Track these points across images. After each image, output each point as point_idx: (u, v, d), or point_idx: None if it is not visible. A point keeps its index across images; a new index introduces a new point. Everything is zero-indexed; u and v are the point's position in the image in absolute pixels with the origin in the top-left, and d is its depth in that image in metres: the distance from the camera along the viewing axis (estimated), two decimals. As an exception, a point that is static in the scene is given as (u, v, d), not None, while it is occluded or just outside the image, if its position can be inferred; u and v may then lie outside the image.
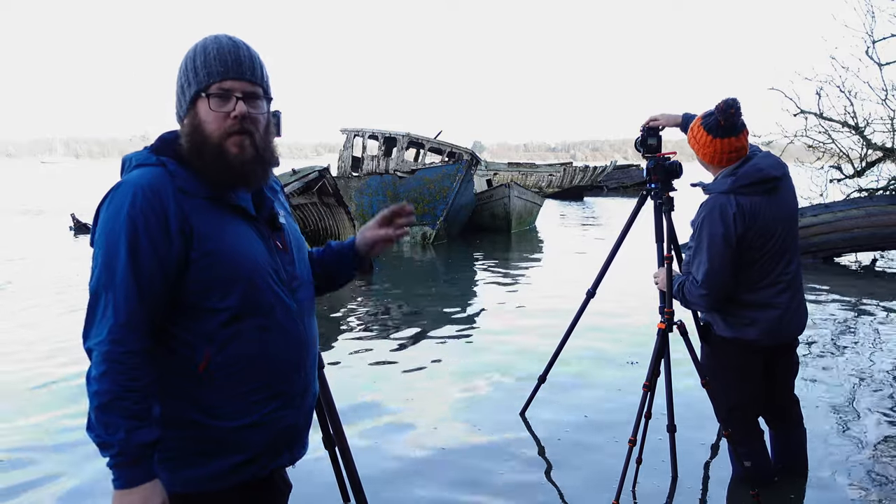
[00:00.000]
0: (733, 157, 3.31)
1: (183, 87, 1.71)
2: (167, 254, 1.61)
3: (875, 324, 7.39)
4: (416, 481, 3.80)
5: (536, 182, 32.55)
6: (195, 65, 1.69)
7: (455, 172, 14.67)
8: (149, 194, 1.61)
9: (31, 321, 7.47)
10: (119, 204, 1.61)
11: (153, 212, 1.60)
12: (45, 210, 22.69)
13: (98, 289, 1.60)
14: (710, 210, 3.28)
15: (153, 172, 1.66)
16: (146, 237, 1.59)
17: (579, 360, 5.73)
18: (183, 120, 1.73)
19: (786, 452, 3.69)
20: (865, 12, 12.42)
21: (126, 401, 1.55)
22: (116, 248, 1.59)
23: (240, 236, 1.71)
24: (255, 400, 1.72)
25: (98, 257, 1.62)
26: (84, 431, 1.61)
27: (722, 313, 3.40)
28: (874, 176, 13.13)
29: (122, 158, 1.79)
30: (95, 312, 1.60)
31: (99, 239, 1.63)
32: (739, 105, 3.23)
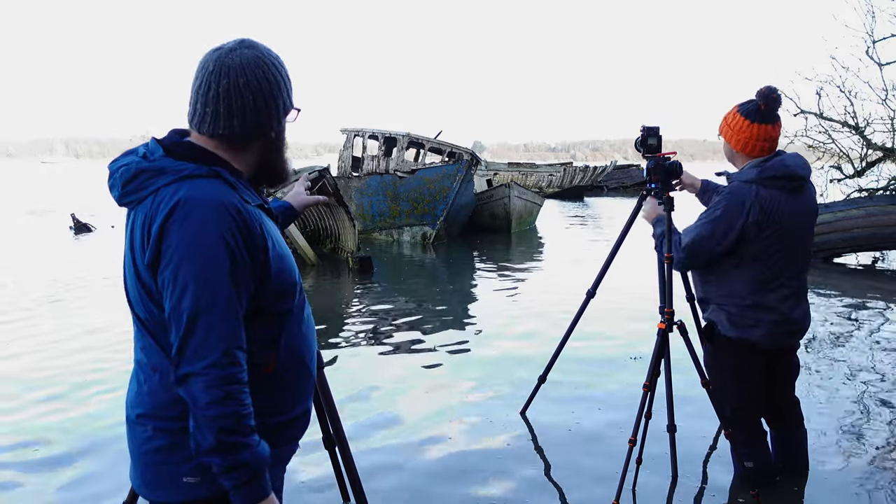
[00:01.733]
0: (765, 148, 3.31)
1: (277, 100, 1.72)
2: (257, 268, 1.63)
3: (875, 324, 7.39)
4: (416, 481, 3.80)
5: (536, 182, 32.55)
6: (285, 80, 1.74)
7: (455, 172, 14.68)
8: (232, 211, 1.58)
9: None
10: (202, 222, 1.55)
11: (239, 229, 1.58)
12: (47, 210, 22.67)
13: (198, 312, 1.54)
14: (728, 193, 3.29)
15: (219, 185, 1.62)
16: (240, 255, 1.58)
17: (579, 360, 5.73)
18: (265, 132, 1.73)
19: (786, 453, 3.70)
20: (865, 12, 12.42)
21: (247, 419, 1.56)
22: (214, 270, 1.54)
23: (284, 243, 1.79)
24: (305, 390, 1.82)
25: (189, 280, 1.54)
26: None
27: (728, 313, 3.39)
28: (874, 176, 13.13)
29: (129, 167, 1.66)
30: (196, 336, 1.54)
31: (186, 260, 1.54)
32: (780, 94, 3.26)
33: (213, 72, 1.66)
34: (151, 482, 1.69)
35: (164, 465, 1.67)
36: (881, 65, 12.50)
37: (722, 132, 3.42)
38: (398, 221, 15.28)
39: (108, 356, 6.02)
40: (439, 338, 6.89)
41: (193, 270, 1.54)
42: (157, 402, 1.67)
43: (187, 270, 1.54)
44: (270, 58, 1.72)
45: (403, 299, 8.99)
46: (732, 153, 3.42)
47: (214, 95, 1.66)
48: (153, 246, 1.57)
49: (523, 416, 4.69)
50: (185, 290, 1.54)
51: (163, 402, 1.66)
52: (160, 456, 1.67)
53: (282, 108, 1.74)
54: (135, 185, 1.64)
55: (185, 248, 1.54)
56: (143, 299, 1.64)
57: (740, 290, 3.33)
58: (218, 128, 1.67)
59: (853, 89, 12.65)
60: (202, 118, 1.68)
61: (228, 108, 1.66)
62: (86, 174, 61.83)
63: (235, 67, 1.66)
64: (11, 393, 5.22)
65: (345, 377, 5.46)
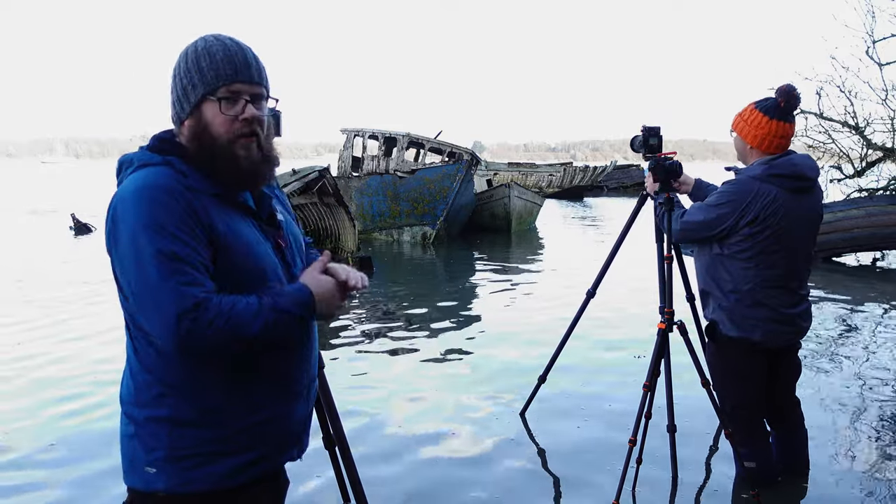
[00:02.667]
0: (780, 146, 3.33)
1: (186, 88, 1.70)
2: (207, 241, 1.63)
3: (875, 323, 7.39)
4: (416, 481, 3.80)
5: (536, 182, 32.55)
6: (200, 66, 1.68)
7: (455, 172, 14.67)
8: (167, 193, 1.60)
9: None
10: (136, 205, 1.59)
11: (171, 210, 1.59)
12: (48, 210, 22.68)
13: (140, 290, 1.57)
14: (734, 184, 3.32)
15: (161, 171, 1.65)
16: (176, 229, 1.58)
17: (579, 361, 5.73)
18: (183, 122, 1.73)
19: (787, 453, 3.70)
20: (865, 12, 12.43)
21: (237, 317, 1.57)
22: (145, 249, 1.56)
23: (249, 234, 1.73)
24: (270, 394, 1.75)
25: (127, 260, 1.58)
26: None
27: (729, 311, 3.39)
28: (874, 176, 13.13)
29: (119, 159, 1.77)
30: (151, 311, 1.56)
31: (123, 244, 1.59)
32: (800, 93, 3.32)
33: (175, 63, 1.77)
34: (125, 468, 1.75)
35: (131, 451, 1.72)
36: (881, 65, 12.51)
37: (736, 128, 3.42)
38: (398, 221, 15.27)
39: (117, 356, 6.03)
40: (439, 338, 6.89)
41: (129, 251, 1.58)
42: (128, 389, 1.73)
43: (125, 252, 1.59)
44: (199, 43, 1.72)
45: (403, 299, 8.99)
46: (746, 149, 3.41)
47: (170, 85, 1.76)
48: (106, 233, 1.66)
49: (523, 416, 4.69)
50: (130, 264, 1.58)
51: (131, 389, 1.72)
52: (128, 442, 1.73)
53: (192, 93, 1.69)
54: (119, 177, 1.73)
55: (122, 227, 1.60)
56: (117, 289, 1.70)
57: (741, 288, 3.34)
58: (172, 116, 1.76)
59: (853, 89, 12.67)
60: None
61: (172, 96, 1.75)
62: (86, 174, 61.83)
63: (181, 55, 1.74)
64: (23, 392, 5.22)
65: (345, 377, 5.46)
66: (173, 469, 1.67)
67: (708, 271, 3.46)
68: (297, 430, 1.84)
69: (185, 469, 1.67)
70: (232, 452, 1.70)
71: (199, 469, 1.68)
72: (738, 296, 3.35)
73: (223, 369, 1.67)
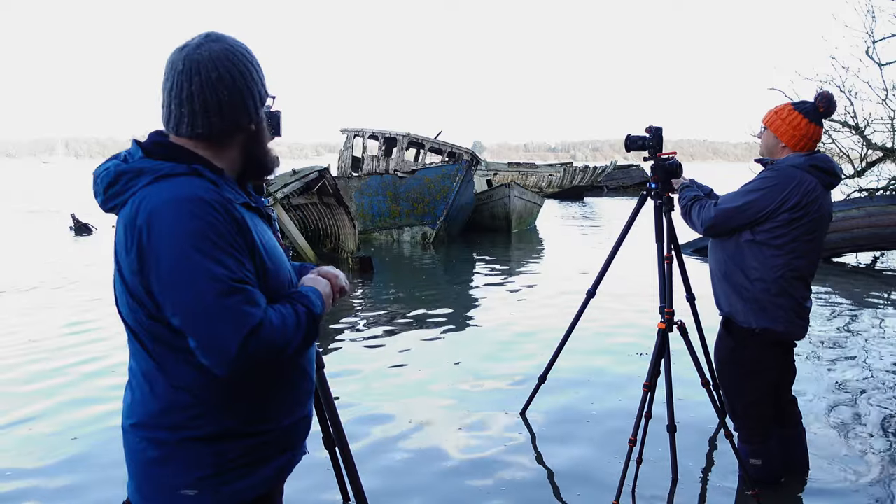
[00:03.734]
0: (811, 148, 3.42)
1: (252, 91, 1.67)
2: (250, 253, 1.60)
3: (875, 323, 7.39)
4: (416, 481, 3.80)
5: (536, 182, 32.53)
6: (256, 69, 1.69)
7: (455, 172, 14.67)
8: (214, 204, 1.53)
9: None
10: (180, 219, 1.50)
11: (220, 221, 1.53)
12: (47, 210, 22.67)
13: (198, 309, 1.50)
14: (777, 171, 3.32)
15: (198, 182, 1.57)
16: (226, 243, 1.53)
17: (579, 361, 5.72)
18: (243, 127, 1.68)
19: (786, 452, 3.70)
20: (865, 12, 12.41)
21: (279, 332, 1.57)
22: (198, 265, 1.50)
23: (273, 239, 1.76)
24: (299, 395, 1.78)
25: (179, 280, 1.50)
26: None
27: (753, 301, 3.37)
28: (874, 176, 13.12)
29: (113, 169, 1.62)
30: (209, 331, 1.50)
31: (173, 265, 1.50)
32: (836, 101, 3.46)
33: (184, 70, 1.61)
34: (147, 494, 1.66)
35: (159, 477, 1.63)
36: (881, 65, 12.50)
37: (771, 125, 3.45)
38: (398, 221, 15.27)
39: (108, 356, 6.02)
40: (438, 338, 6.89)
41: (177, 270, 1.49)
42: (149, 411, 1.63)
43: (170, 271, 1.50)
44: (239, 48, 1.67)
45: (403, 299, 8.99)
46: (777, 146, 3.44)
47: (188, 95, 1.61)
48: (136, 250, 1.53)
49: (523, 416, 4.69)
50: (181, 287, 1.50)
51: (154, 411, 1.62)
52: (155, 467, 1.63)
53: (258, 98, 1.69)
54: (116, 188, 1.60)
55: (167, 247, 1.50)
56: (130, 306, 1.59)
57: (768, 276, 3.33)
58: (196, 127, 1.62)
59: (853, 89, 12.65)
60: (178, 120, 1.63)
61: (204, 106, 1.61)
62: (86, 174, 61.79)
63: (206, 63, 1.61)
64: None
65: (345, 377, 5.46)
66: (217, 483, 1.63)
67: (733, 259, 3.42)
68: (306, 428, 1.87)
69: (227, 482, 1.64)
70: (272, 457, 1.72)
71: (243, 479, 1.67)
72: (764, 284, 3.34)
73: (263, 379, 1.67)
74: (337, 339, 6.79)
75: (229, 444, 1.64)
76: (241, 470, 1.66)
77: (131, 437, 1.67)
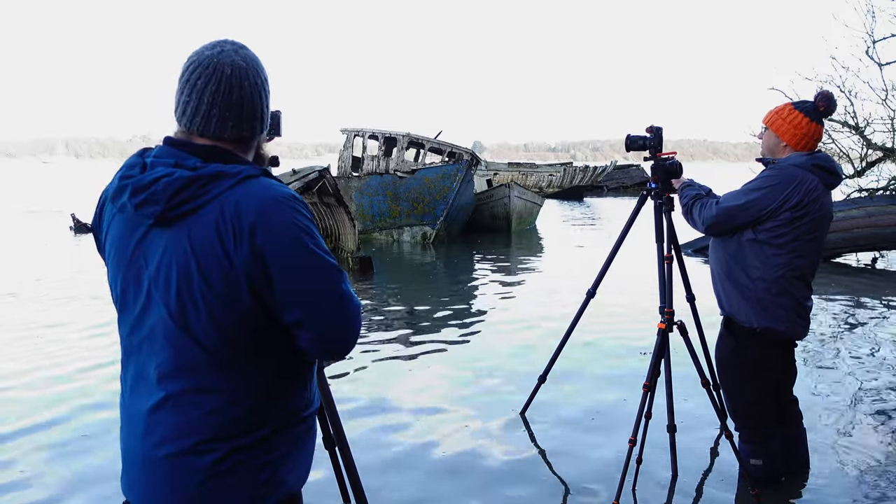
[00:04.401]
0: (812, 147, 3.42)
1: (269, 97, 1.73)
2: None
3: (875, 323, 7.39)
4: (416, 481, 3.80)
5: (536, 182, 32.54)
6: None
7: (455, 172, 14.68)
8: (301, 199, 1.65)
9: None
10: (294, 213, 1.60)
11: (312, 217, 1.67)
12: (47, 210, 22.67)
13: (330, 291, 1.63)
14: (777, 171, 3.32)
15: (276, 182, 1.64)
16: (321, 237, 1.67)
17: (579, 360, 5.73)
18: (265, 130, 1.73)
19: (787, 452, 3.70)
20: (866, 12, 12.41)
21: None
22: (320, 254, 1.62)
23: None
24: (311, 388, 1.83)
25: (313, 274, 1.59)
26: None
27: (754, 300, 3.36)
28: (874, 176, 13.13)
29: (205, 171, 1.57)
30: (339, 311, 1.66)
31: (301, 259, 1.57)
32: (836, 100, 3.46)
33: (233, 75, 1.60)
34: (258, 494, 1.64)
35: (231, 485, 1.60)
36: (881, 65, 12.50)
37: (772, 124, 3.45)
38: (398, 221, 15.28)
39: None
40: (439, 338, 6.89)
41: (306, 262, 1.58)
42: (229, 420, 1.59)
43: (296, 264, 1.56)
44: (257, 56, 1.73)
45: (403, 299, 8.99)
46: (779, 145, 3.44)
47: (238, 99, 1.61)
48: (247, 248, 1.52)
49: (523, 416, 4.69)
50: (309, 281, 1.58)
51: (235, 418, 1.60)
52: (228, 478, 1.60)
53: (267, 106, 1.75)
54: (186, 194, 1.54)
55: (289, 241, 1.55)
56: (211, 315, 1.55)
57: (769, 276, 3.32)
58: (242, 130, 1.64)
59: (853, 89, 12.65)
60: (221, 122, 1.61)
61: (252, 111, 1.64)
62: (86, 174, 61.84)
63: (245, 68, 1.63)
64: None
65: (345, 377, 5.46)
66: (282, 475, 1.68)
67: (734, 259, 3.40)
68: None
69: (289, 472, 1.70)
70: (308, 443, 1.79)
71: (299, 467, 1.74)
72: (765, 284, 3.33)
73: (296, 365, 1.72)
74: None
75: (289, 431, 1.69)
76: (301, 454, 1.73)
77: (195, 457, 1.59)
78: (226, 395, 1.59)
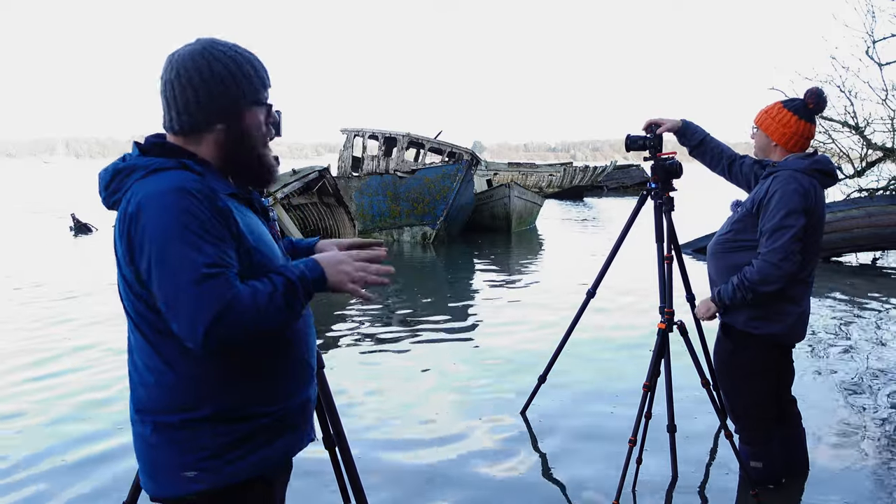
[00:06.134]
0: (803, 146, 3.38)
1: (222, 96, 1.70)
2: (233, 238, 1.65)
3: (875, 323, 7.39)
4: (416, 481, 3.80)
5: (536, 182, 32.53)
6: (245, 73, 1.73)
7: (455, 172, 14.67)
8: (194, 192, 1.60)
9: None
10: (164, 207, 1.58)
11: (201, 206, 1.60)
12: (47, 210, 22.67)
13: (177, 291, 1.56)
14: (786, 182, 3.22)
15: (184, 174, 1.65)
16: (206, 227, 1.59)
17: (579, 360, 5.72)
18: (202, 130, 1.73)
19: (786, 453, 3.70)
20: (866, 12, 12.40)
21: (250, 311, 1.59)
22: (180, 251, 1.57)
23: (262, 230, 1.80)
24: (297, 379, 1.83)
25: (161, 262, 1.57)
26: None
27: (758, 307, 3.30)
28: (874, 176, 13.12)
29: (111, 168, 1.73)
30: (183, 310, 1.56)
31: (155, 245, 1.58)
32: (827, 97, 3.40)
33: (165, 69, 1.73)
34: (154, 478, 1.73)
35: (164, 460, 1.70)
36: (881, 65, 12.49)
37: (761, 124, 3.42)
38: (398, 221, 15.28)
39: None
40: (439, 338, 6.89)
41: (160, 259, 1.57)
42: (152, 396, 1.70)
43: (155, 260, 1.58)
44: (219, 51, 1.72)
45: (403, 299, 8.98)
46: (770, 146, 3.41)
47: (172, 94, 1.72)
48: (125, 239, 1.63)
49: (523, 415, 4.69)
50: (161, 272, 1.58)
51: (156, 396, 1.70)
52: (159, 451, 1.71)
53: (233, 101, 1.73)
54: (113, 185, 1.70)
55: (150, 235, 1.58)
56: (128, 295, 1.69)
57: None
58: (174, 124, 1.73)
59: (853, 89, 12.65)
60: (168, 118, 1.74)
61: (175, 103, 1.71)
62: (86, 174, 61.86)
63: (178, 62, 1.71)
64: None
65: (345, 377, 5.45)
66: (219, 464, 1.70)
67: (736, 269, 3.32)
68: (310, 411, 1.92)
69: (229, 462, 1.71)
70: (272, 439, 1.77)
71: (243, 460, 1.72)
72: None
73: (257, 360, 1.73)
74: (337, 339, 6.79)
75: (228, 425, 1.70)
76: (240, 450, 1.72)
77: (137, 424, 1.75)
78: (151, 371, 1.69)
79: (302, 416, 1.86)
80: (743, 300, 3.26)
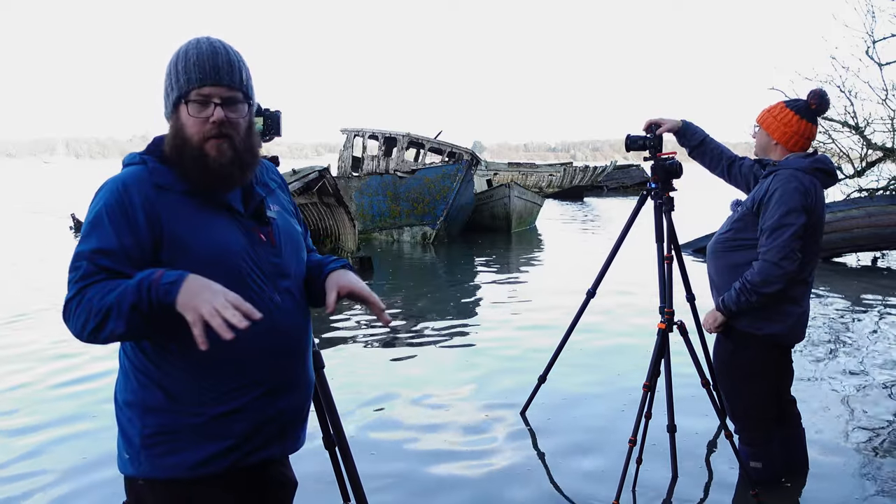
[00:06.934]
0: (804, 146, 3.39)
1: (167, 91, 1.78)
2: (132, 240, 1.68)
3: (875, 323, 7.39)
4: (416, 481, 3.80)
5: (536, 182, 32.53)
6: (177, 70, 1.76)
7: (455, 172, 14.68)
8: (120, 188, 1.71)
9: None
10: (95, 201, 1.74)
11: (118, 204, 1.69)
12: (47, 210, 22.68)
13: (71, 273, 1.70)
14: (786, 181, 3.22)
15: (132, 170, 1.77)
16: (111, 226, 1.69)
17: (579, 360, 5.72)
18: (168, 119, 1.80)
19: (786, 453, 3.70)
20: (866, 12, 12.41)
21: (96, 310, 1.63)
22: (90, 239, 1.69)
23: (216, 228, 1.75)
24: (232, 388, 1.76)
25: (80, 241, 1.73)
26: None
27: (760, 308, 3.29)
28: (874, 176, 13.13)
29: (122, 159, 1.89)
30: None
31: (83, 230, 1.74)
32: (829, 98, 3.41)
33: None
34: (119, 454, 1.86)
35: (119, 438, 1.84)
36: (881, 65, 12.50)
37: (763, 123, 3.42)
38: (398, 221, 15.28)
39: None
40: (439, 338, 6.89)
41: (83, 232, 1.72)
42: (121, 379, 1.85)
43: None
44: (183, 45, 1.78)
45: (403, 299, 8.99)
46: (771, 145, 3.41)
47: None
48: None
49: (523, 416, 4.69)
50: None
51: (119, 377, 1.86)
52: (119, 430, 1.84)
53: (166, 96, 1.79)
54: None
55: (85, 220, 1.74)
56: None
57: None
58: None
59: (853, 89, 12.65)
60: None
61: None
62: (86, 174, 61.85)
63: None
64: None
65: (345, 377, 5.45)
66: (144, 455, 1.75)
67: (738, 270, 3.32)
68: (276, 426, 1.83)
69: (155, 456, 1.74)
70: (200, 442, 1.74)
71: (169, 456, 1.74)
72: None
73: (185, 357, 1.71)
74: (337, 339, 6.79)
75: (153, 416, 1.75)
76: (164, 446, 1.74)
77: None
78: (121, 354, 1.83)
79: (249, 427, 1.77)
80: (748, 304, 3.25)
